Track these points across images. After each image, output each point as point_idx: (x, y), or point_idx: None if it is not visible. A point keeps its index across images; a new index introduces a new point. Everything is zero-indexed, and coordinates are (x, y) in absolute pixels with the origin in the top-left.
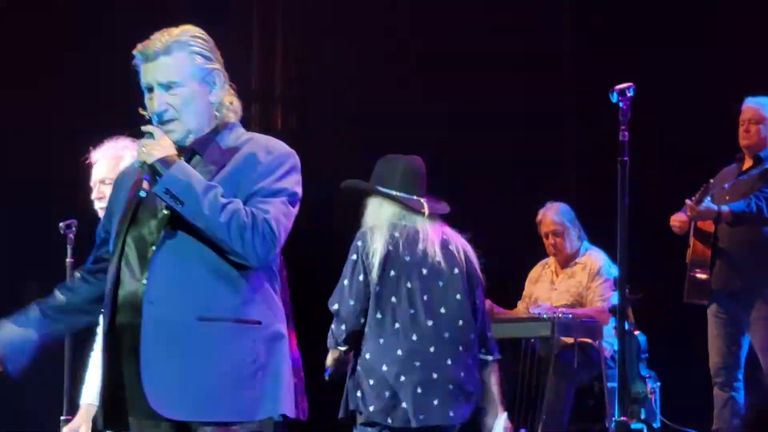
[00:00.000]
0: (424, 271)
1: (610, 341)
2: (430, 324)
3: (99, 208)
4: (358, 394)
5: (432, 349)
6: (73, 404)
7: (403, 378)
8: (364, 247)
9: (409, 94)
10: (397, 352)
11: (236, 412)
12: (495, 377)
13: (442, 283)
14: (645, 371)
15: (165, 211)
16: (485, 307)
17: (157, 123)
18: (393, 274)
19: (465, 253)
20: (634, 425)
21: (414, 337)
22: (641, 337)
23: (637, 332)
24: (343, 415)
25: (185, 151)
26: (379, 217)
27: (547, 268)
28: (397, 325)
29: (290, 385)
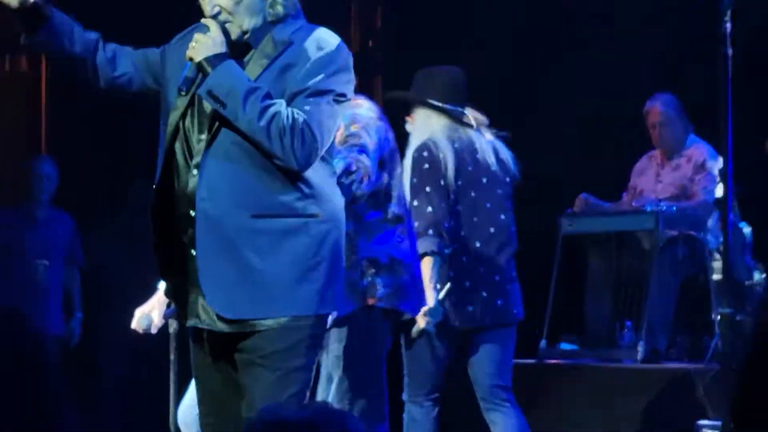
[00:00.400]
0: (484, 180)
1: (714, 234)
2: (492, 231)
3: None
4: None
5: (493, 254)
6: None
7: (468, 284)
8: (433, 157)
9: None
10: (462, 259)
11: (295, 308)
12: None
13: (500, 191)
14: (750, 263)
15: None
16: None
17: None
18: (460, 183)
19: (511, 161)
20: (739, 317)
21: (477, 244)
22: (746, 229)
23: (742, 224)
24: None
25: (240, 47)
26: (432, 130)
27: (653, 161)
28: (462, 233)
29: (341, 283)
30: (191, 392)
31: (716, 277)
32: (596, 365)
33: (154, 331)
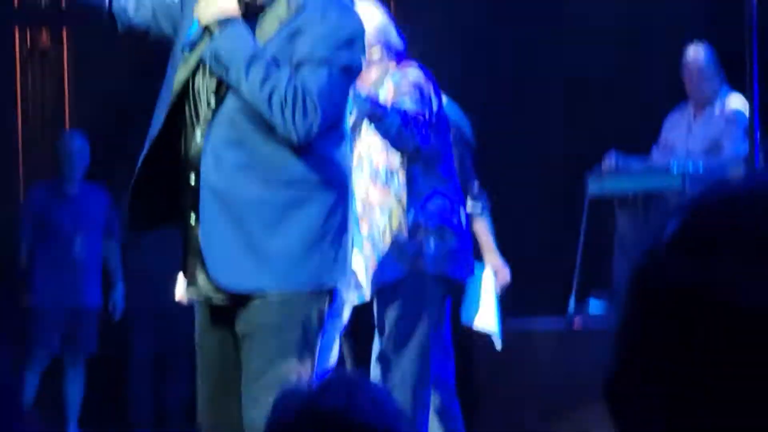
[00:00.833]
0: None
1: None
2: None
3: None
4: None
5: None
6: None
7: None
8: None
9: None
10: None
11: (300, 281)
12: None
13: None
14: None
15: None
16: None
17: None
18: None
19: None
20: None
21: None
22: None
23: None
24: None
25: (253, 5)
26: None
27: (685, 113)
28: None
29: (350, 251)
30: None
31: None
32: None
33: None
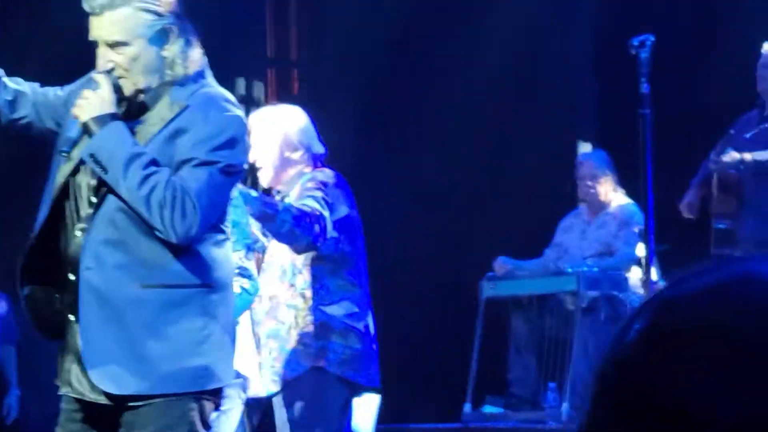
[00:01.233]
0: None
1: (637, 293)
2: None
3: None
4: None
5: None
6: None
7: None
8: None
9: (425, 60)
10: None
11: (183, 384)
12: None
13: None
14: None
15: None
16: None
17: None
18: None
19: None
20: None
21: None
22: None
23: (663, 283)
24: None
25: (135, 105)
26: None
27: (579, 218)
28: None
29: (232, 352)
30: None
31: None
32: (521, 427)
33: None
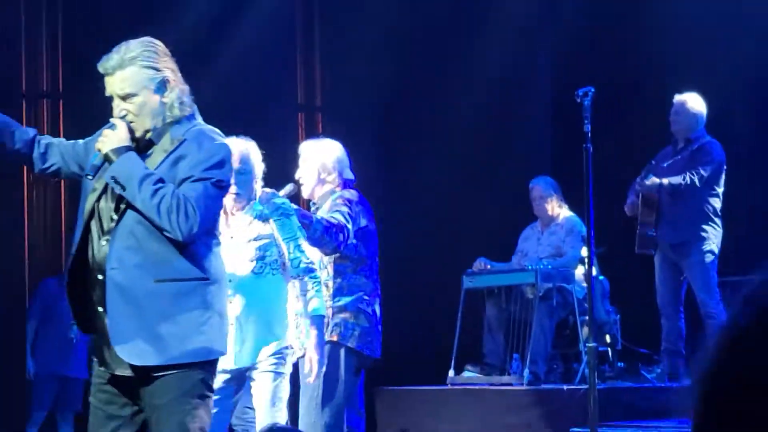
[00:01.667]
0: None
1: (581, 285)
2: None
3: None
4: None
5: None
6: None
7: None
8: None
9: (420, 106)
10: None
11: (193, 355)
12: None
13: None
14: (608, 307)
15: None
16: None
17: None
18: None
19: None
20: (600, 348)
21: None
22: (605, 281)
23: (601, 277)
24: None
25: (144, 141)
26: None
27: (535, 229)
28: None
29: (226, 332)
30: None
31: (582, 318)
32: (492, 388)
33: None
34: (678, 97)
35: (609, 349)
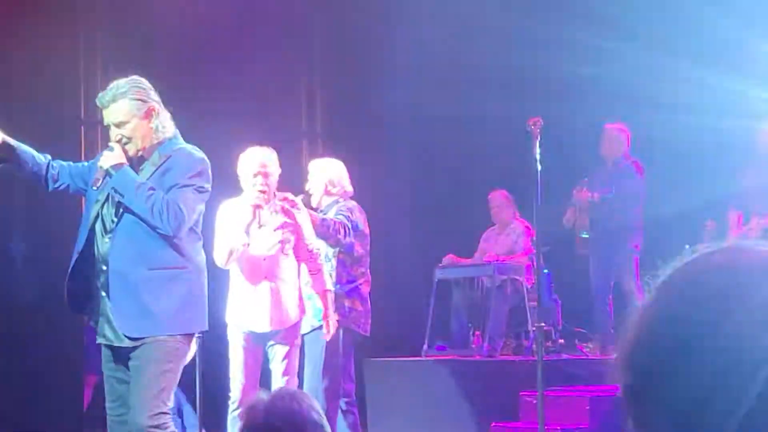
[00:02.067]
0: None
1: (530, 277)
2: None
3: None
4: None
5: None
6: None
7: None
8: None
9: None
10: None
11: (179, 328)
12: None
13: None
14: (552, 295)
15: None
16: None
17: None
18: None
19: None
20: (545, 327)
21: None
22: (549, 274)
23: (546, 270)
24: None
25: (137, 159)
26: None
27: (492, 232)
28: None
29: (205, 312)
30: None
31: (531, 304)
32: (458, 360)
33: None
34: (606, 126)
35: (552, 329)
